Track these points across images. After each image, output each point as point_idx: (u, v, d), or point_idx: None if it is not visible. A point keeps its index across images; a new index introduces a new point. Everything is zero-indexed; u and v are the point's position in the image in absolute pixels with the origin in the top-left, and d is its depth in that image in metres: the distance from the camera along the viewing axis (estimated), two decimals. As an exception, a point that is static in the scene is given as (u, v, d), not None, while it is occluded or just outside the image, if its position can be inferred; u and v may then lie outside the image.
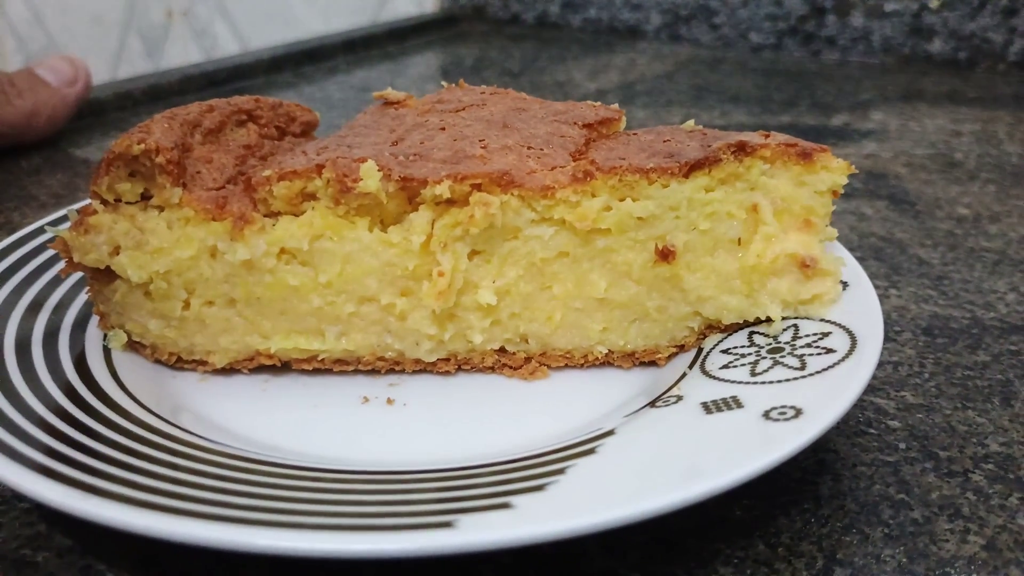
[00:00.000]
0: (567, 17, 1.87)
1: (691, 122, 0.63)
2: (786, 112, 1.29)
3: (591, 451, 0.45)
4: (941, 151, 1.10)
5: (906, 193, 0.97)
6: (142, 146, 0.52)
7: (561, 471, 0.43)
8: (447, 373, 0.59)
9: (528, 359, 0.59)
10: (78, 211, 0.56)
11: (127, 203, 0.55)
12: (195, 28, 2.31)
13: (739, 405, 0.48)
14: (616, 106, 0.65)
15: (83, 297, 0.60)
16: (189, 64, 1.51)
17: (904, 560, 0.46)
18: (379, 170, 0.53)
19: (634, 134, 0.61)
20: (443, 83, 0.72)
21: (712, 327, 0.59)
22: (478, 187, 0.54)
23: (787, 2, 1.62)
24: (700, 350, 0.58)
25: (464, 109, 0.64)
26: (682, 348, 0.59)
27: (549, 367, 0.59)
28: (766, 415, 0.46)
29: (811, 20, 1.62)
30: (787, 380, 0.50)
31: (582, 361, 0.59)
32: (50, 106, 1.07)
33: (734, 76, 1.51)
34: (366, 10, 2.03)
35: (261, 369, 0.59)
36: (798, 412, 0.45)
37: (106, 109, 1.26)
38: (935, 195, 0.96)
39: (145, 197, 0.55)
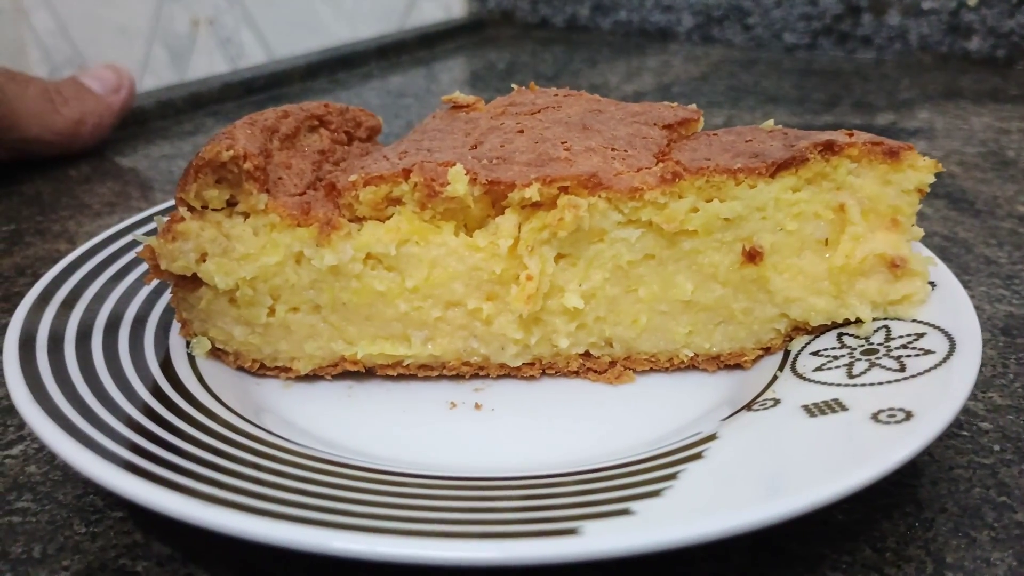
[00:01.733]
0: (597, 20, 1.87)
1: (770, 122, 0.62)
2: (828, 112, 1.28)
3: (698, 455, 0.45)
4: (992, 149, 1.09)
5: (963, 192, 0.96)
6: (231, 152, 0.52)
7: (673, 476, 0.43)
8: (531, 378, 0.59)
9: (613, 363, 0.59)
10: (165, 216, 0.55)
11: (214, 209, 0.54)
12: (220, 37, 2.31)
13: (843, 408, 0.47)
14: (694, 106, 0.64)
15: (165, 299, 0.60)
16: (227, 72, 1.51)
17: (1014, 563, 0.45)
18: (465, 174, 0.53)
19: (714, 134, 0.61)
20: (513, 86, 0.71)
21: (799, 329, 0.59)
22: (565, 190, 0.54)
23: (822, 1, 1.61)
24: (787, 352, 0.58)
25: (539, 111, 0.63)
26: (767, 351, 0.59)
27: (634, 371, 0.59)
28: (874, 417, 0.45)
29: (846, 19, 1.61)
30: (889, 382, 0.49)
31: (667, 365, 0.59)
32: (96, 114, 1.07)
33: (770, 77, 1.51)
34: (393, 16, 2.03)
35: (344, 375, 0.59)
36: (908, 415, 0.45)
37: (148, 118, 1.26)
38: (992, 194, 0.95)
39: (230, 204, 0.55)
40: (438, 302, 0.56)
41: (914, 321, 0.55)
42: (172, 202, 0.56)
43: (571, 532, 0.37)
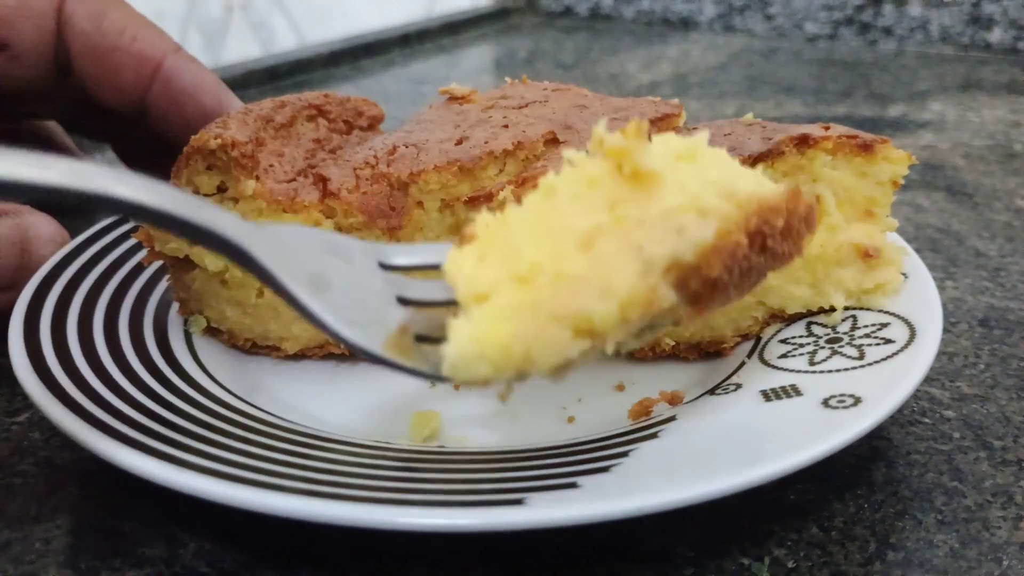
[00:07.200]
0: (620, 8, 1.88)
1: (750, 115, 0.64)
2: (841, 103, 1.28)
3: (654, 435, 0.47)
4: (1000, 142, 1.10)
5: (963, 184, 0.96)
6: (219, 140, 0.55)
7: (625, 454, 0.45)
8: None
9: (595, 348, 0.61)
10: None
11: (205, 195, 0.57)
12: (253, 22, 2.35)
13: (798, 393, 0.49)
14: (676, 101, 0.66)
15: (163, 284, 0.63)
16: (250, 59, 1.55)
17: (956, 545, 0.47)
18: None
19: (694, 128, 0.62)
20: (506, 79, 0.73)
21: (775, 316, 0.60)
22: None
23: (843, -8, 1.61)
24: (759, 340, 0.59)
25: (527, 106, 0.65)
26: (745, 337, 0.60)
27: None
28: (825, 403, 0.47)
29: (868, 9, 1.60)
30: (846, 369, 0.51)
31: (649, 354, 0.61)
32: None
33: (788, 67, 1.51)
34: (420, 3, 2.05)
35: (330, 355, 0.62)
36: (857, 400, 0.46)
37: (172, 102, 1.30)
38: (993, 186, 0.95)
39: (221, 189, 0.57)
40: None
41: (880, 311, 0.57)
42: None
43: (517, 503, 0.40)
